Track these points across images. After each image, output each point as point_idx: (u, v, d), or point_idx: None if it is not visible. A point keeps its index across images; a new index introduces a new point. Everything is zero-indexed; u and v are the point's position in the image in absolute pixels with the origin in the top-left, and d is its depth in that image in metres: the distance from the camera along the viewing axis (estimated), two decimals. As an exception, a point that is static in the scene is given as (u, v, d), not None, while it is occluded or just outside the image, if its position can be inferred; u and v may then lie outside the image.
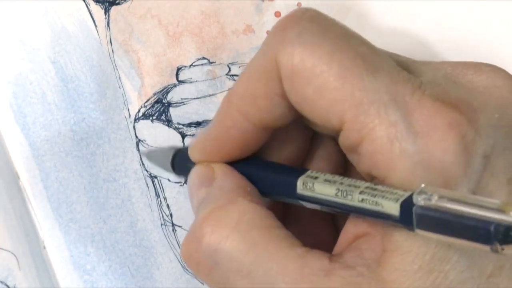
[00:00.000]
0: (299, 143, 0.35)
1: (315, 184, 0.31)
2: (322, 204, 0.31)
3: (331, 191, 0.30)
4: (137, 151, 0.43)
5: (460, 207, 0.26)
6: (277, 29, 0.32)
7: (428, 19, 0.42)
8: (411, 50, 0.42)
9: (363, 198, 0.29)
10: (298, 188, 0.31)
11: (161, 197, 0.43)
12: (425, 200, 0.27)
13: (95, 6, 0.43)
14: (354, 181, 0.30)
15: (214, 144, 0.34)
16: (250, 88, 0.32)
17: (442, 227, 0.27)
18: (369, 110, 0.29)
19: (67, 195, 0.43)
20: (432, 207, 0.27)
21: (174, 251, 0.43)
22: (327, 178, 0.30)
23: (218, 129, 0.34)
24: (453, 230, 0.26)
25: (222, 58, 0.43)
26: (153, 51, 0.43)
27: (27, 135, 0.43)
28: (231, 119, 0.33)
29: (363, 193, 0.29)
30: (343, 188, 0.30)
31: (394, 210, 0.28)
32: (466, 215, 0.26)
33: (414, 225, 0.27)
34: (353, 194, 0.29)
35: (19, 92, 0.43)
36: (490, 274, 0.29)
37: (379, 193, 0.29)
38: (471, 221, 0.26)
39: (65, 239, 0.42)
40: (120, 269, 0.42)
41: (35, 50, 0.43)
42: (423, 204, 0.27)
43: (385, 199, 0.28)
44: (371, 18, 0.42)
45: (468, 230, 0.26)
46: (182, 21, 0.43)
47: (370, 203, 0.29)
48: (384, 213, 0.28)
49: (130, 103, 0.43)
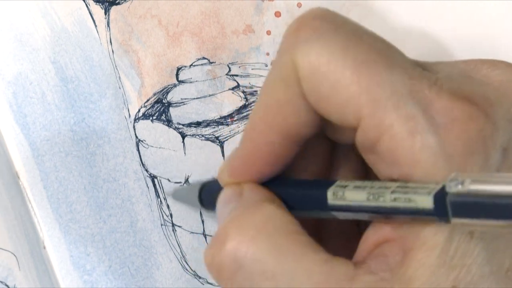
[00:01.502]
0: (320, 157, 0.35)
1: (345, 193, 0.30)
2: (355, 211, 0.30)
3: (363, 196, 0.29)
4: (137, 151, 0.43)
5: (494, 187, 0.26)
6: (290, 32, 0.32)
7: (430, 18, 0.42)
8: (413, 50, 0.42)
9: (395, 197, 0.28)
10: (329, 199, 0.31)
11: (161, 197, 0.43)
12: (457, 186, 0.27)
13: (95, 6, 0.43)
14: (384, 183, 0.29)
15: (243, 164, 0.33)
16: (273, 96, 0.32)
17: (477, 211, 0.26)
18: (387, 105, 0.29)
19: (67, 195, 0.43)
20: (466, 193, 0.27)
21: (174, 251, 0.43)
22: (357, 185, 0.30)
23: (246, 148, 0.33)
24: (488, 212, 0.26)
25: (222, 58, 0.43)
26: (153, 51, 0.43)
27: (27, 135, 0.43)
28: (258, 133, 0.32)
29: (395, 192, 0.29)
30: (374, 191, 0.29)
31: (428, 203, 0.28)
32: (499, 194, 0.26)
33: (450, 215, 0.27)
34: (384, 195, 0.29)
35: (19, 92, 0.43)
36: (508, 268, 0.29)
37: (410, 190, 0.28)
38: (505, 200, 0.26)
39: (65, 239, 0.42)
40: (120, 269, 0.42)
41: (35, 50, 0.43)
42: (456, 190, 0.27)
43: (418, 195, 0.28)
44: (371, 18, 0.42)
45: (504, 210, 0.26)
46: (182, 21, 0.43)
47: (402, 201, 0.28)
48: (418, 209, 0.28)
49: (130, 103, 0.43)
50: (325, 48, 0.30)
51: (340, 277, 0.29)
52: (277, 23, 0.42)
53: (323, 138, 0.34)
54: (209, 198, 0.37)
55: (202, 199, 0.38)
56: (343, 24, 0.31)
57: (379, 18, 0.42)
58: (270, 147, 0.33)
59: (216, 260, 0.31)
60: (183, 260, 0.43)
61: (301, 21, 0.32)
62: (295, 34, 0.31)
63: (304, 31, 0.31)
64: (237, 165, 0.34)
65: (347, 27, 0.31)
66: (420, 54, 0.42)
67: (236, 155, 0.34)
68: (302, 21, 0.32)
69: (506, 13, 0.42)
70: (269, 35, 0.43)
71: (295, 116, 0.32)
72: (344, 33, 0.31)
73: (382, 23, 0.42)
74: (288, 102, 0.31)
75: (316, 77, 0.30)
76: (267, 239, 0.30)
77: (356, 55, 0.30)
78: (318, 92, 0.30)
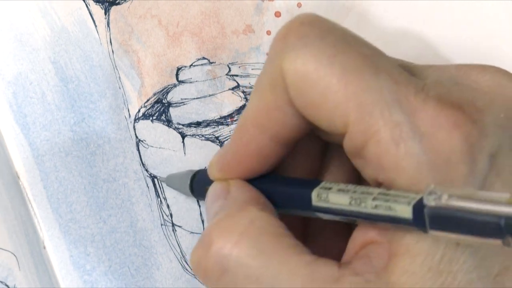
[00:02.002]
0: (312, 156, 0.35)
1: (329, 195, 0.31)
2: (337, 214, 0.31)
3: (345, 200, 0.30)
4: (137, 151, 0.43)
5: (469, 204, 0.26)
6: (278, 38, 0.32)
7: (428, 19, 0.42)
8: (412, 50, 0.42)
9: (376, 204, 0.29)
10: (313, 200, 0.31)
11: (161, 197, 0.43)
12: (435, 200, 0.27)
13: (95, 6, 0.43)
14: (367, 189, 0.30)
15: (232, 161, 0.34)
16: (262, 101, 0.32)
17: (454, 225, 0.27)
18: (373, 111, 0.29)
19: (67, 195, 0.43)
20: (443, 207, 0.27)
21: (174, 251, 0.43)
22: (341, 188, 0.31)
23: (235, 146, 0.34)
24: (464, 227, 0.26)
25: (222, 58, 0.43)
26: (153, 51, 0.43)
27: (27, 135, 0.43)
28: (248, 135, 0.33)
29: (376, 199, 0.29)
30: (356, 196, 0.30)
31: (407, 213, 0.28)
32: (476, 211, 0.26)
33: (428, 226, 0.27)
34: (366, 201, 0.29)
35: (19, 92, 0.43)
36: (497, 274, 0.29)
37: (391, 198, 0.29)
38: (481, 217, 0.26)
39: (65, 239, 0.42)
40: (120, 269, 0.42)
41: (35, 50, 0.43)
42: (433, 204, 0.27)
43: (398, 203, 0.28)
44: (371, 18, 0.42)
45: (479, 226, 0.26)
46: (182, 21, 0.43)
47: (383, 208, 0.29)
48: (398, 217, 0.28)
49: (130, 103, 0.43)
50: (312, 55, 0.30)
51: (324, 278, 0.29)
52: (277, 23, 0.43)
53: (315, 138, 0.34)
54: (199, 187, 0.38)
55: (193, 188, 0.39)
56: (331, 30, 0.31)
57: (378, 18, 0.42)
58: (258, 148, 0.33)
59: (202, 263, 0.31)
60: (183, 260, 0.43)
61: (289, 27, 0.32)
62: (283, 41, 0.31)
63: (292, 38, 0.31)
64: (226, 161, 0.34)
65: (334, 33, 0.31)
66: (418, 52, 0.42)
67: (226, 151, 0.34)
68: (290, 27, 0.32)
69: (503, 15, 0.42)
70: (269, 35, 0.43)
71: (283, 121, 0.32)
72: (331, 39, 0.31)
73: (381, 23, 0.42)
74: (276, 107, 0.32)
75: (303, 84, 0.30)
76: (250, 242, 0.31)
77: (343, 62, 0.30)
78: (305, 98, 0.31)
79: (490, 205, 0.26)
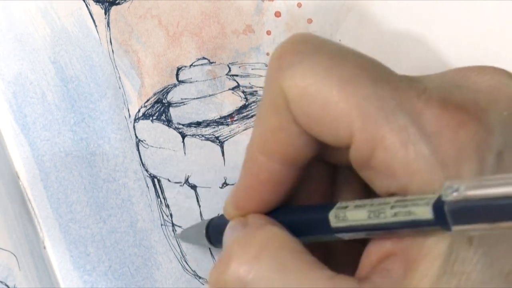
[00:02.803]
0: (322, 181, 0.35)
1: (347, 213, 0.30)
2: (357, 231, 0.30)
3: (364, 214, 0.30)
4: (137, 151, 0.43)
5: (488, 190, 0.26)
6: (273, 59, 0.32)
7: (428, 19, 0.42)
8: (412, 50, 0.42)
9: (395, 212, 0.29)
10: (332, 222, 0.31)
11: (161, 197, 0.43)
12: (453, 193, 0.27)
13: (95, 6, 0.43)
14: (383, 199, 0.29)
15: (246, 195, 0.34)
16: (266, 125, 0.32)
17: (476, 216, 0.26)
18: (377, 118, 0.29)
19: (67, 195, 0.43)
20: (462, 199, 0.27)
21: (174, 251, 0.43)
22: (357, 204, 0.30)
23: (247, 178, 0.33)
24: (486, 215, 0.26)
25: (222, 58, 0.43)
26: (153, 51, 0.43)
27: (27, 135, 0.43)
28: (256, 163, 0.33)
29: (394, 207, 0.29)
30: (374, 208, 0.29)
31: (427, 214, 0.28)
32: (496, 196, 0.26)
33: (450, 223, 0.27)
34: (385, 211, 0.29)
35: (19, 92, 0.43)
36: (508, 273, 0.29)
37: (409, 203, 0.28)
38: (501, 201, 0.26)
39: (65, 239, 0.42)
40: (120, 269, 0.42)
41: (35, 50, 0.43)
42: (452, 198, 0.27)
43: (417, 206, 0.28)
44: (371, 18, 0.42)
45: (500, 211, 0.26)
46: (182, 21, 0.43)
47: (403, 214, 0.28)
48: (419, 220, 0.28)
49: (130, 103, 0.43)
50: (309, 69, 0.30)
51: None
52: (277, 23, 0.43)
53: (323, 163, 0.34)
54: (216, 234, 0.37)
55: (209, 237, 0.38)
56: (325, 45, 0.31)
57: (378, 18, 0.42)
58: (269, 175, 0.33)
59: (221, 279, 0.31)
60: (183, 260, 0.43)
61: (283, 47, 0.32)
62: (279, 61, 0.31)
63: (287, 57, 0.31)
64: (240, 197, 0.34)
65: (329, 48, 0.31)
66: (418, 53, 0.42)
67: (238, 188, 0.34)
68: (284, 47, 0.32)
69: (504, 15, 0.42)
70: (269, 35, 0.43)
71: (290, 142, 0.32)
72: (326, 53, 0.31)
73: (382, 24, 0.42)
74: (281, 128, 0.32)
75: (304, 99, 0.30)
76: (270, 257, 0.30)
77: (341, 73, 0.30)
78: (308, 114, 0.31)
79: (508, 187, 0.26)
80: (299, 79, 0.30)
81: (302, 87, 0.30)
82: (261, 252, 0.31)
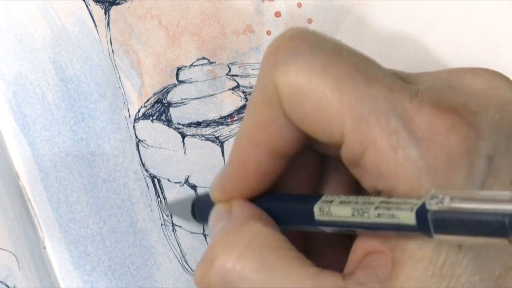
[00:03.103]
0: (310, 170, 0.35)
1: (331, 208, 0.30)
2: (340, 226, 0.31)
3: (348, 212, 0.30)
4: (137, 151, 0.43)
5: (472, 205, 0.26)
6: (269, 53, 0.32)
7: (428, 19, 0.42)
8: (411, 50, 0.42)
9: (379, 213, 0.29)
10: (316, 215, 0.31)
11: (161, 197, 0.43)
12: (437, 204, 0.27)
13: (95, 6, 0.43)
14: (368, 199, 0.30)
15: (232, 181, 0.34)
16: (257, 117, 0.32)
17: (458, 227, 0.27)
18: (369, 119, 0.29)
19: (67, 195, 0.43)
20: (446, 210, 0.27)
21: (174, 251, 0.43)
22: (342, 200, 0.30)
23: (234, 165, 0.33)
24: (469, 228, 0.26)
25: (222, 58, 0.43)
26: (153, 51, 0.43)
27: (27, 135, 0.43)
28: (245, 152, 0.33)
29: (378, 208, 0.29)
30: (358, 207, 0.29)
31: (410, 219, 0.28)
32: (479, 211, 0.26)
33: (432, 231, 0.27)
34: (369, 211, 0.29)
35: (19, 92, 0.43)
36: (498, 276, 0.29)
37: (393, 206, 0.28)
38: (485, 217, 0.26)
39: (65, 239, 0.42)
40: (120, 269, 0.42)
41: (35, 50, 0.43)
42: (436, 208, 0.27)
43: (400, 211, 0.28)
44: (371, 18, 0.42)
45: (483, 226, 0.26)
46: (182, 21, 0.43)
47: (386, 217, 0.28)
48: (401, 224, 0.28)
49: (130, 103, 0.43)
50: (304, 67, 0.30)
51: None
52: (277, 23, 0.43)
53: (312, 151, 0.34)
54: (202, 212, 0.37)
55: (195, 213, 0.39)
56: (321, 43, 0.31)
57: (378, 18, 0.42)
58: (257, 165, 0.33)
59: (205, 279, 0.31)
60: (183, 260, 0.43)
61: (279, 42, 0.32)
62: (274, 56, 0.31)
63: (282, 52, 0.31)
64: (226, 182, 0.34)
65: (325, 45, 0.31)
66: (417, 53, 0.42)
67: (225, 173, 0.34)
68: (280, 42, 0.32)
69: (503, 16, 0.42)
70: (269, 35, 0.43)
71: (279, 135, 0.32)
72: (322, 51, 0.31)
73: (381, 24, 0.42)
74: (272, 122, 0.32)
75: (297, 97, 0.30)
76: (254, 256, 0.31)
77: (336, 73, 0.30)
78: (300, 111, 0.31)
79: (493, 204, 0.26)
80: (293, 76, 0.30)
81: (296, 84, 0.30)
82: (244, 251, 0.31)
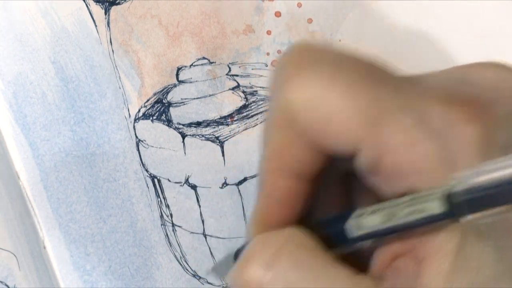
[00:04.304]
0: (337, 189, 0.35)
1: (362, 221, 0.30)
2: (376, 237, 0.30)
3: (378, 219, 0.30)
4: (137, 151, 0.43)
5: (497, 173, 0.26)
6: (276, 72, 0.32)
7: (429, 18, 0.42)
8: (412, 50, 0.42)
9: (408, 211, 0.29)
10: (350, 232, 0.31)
11: (161, 197, 0.43)
12: (463, 183, 0.27)
13: (95, 6, 0.43)
14: (393, 201, 0.29)
15: (265, 216, 0.33)
16: (274, 142, 0.32)
17: (490, 201, 0.26)
18: (382, 122, 0.29)
19: (67, 195, 0.43)
20: (473, 187, 0.27)
21: (174, 251, 0.43)
22: (373, 210, 0.30)
23: (262, 200, 0.33)
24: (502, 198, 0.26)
25: (222, 58, 0.43)
26: (153, 51, 0.43)
27: (27, 135, 0.43)
28: (269, 184, 0.32)
29: (407, 206, 0.29)
30: (387, 212, 0.29)
31: (439, 208, 0.28)
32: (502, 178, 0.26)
33: (464, 213, 0.27)
34: (398, 212, 0.29)
35: (19, 92, 0.43)
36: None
37: (419, 200, 0.28)
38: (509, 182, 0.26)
39: (65, 239, 0.42)
40: (120, 269, 0.42)
41: (35, 50, 0.43)
42: (463, 188, 0.27)
43: (428, 202, 0.28)
44: (371, 18, 0.42)
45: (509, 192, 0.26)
46: (182, 21, 0.43)
47: (416, 212, 0.28)
48: (432, 216, 0.28)
49: (130, 103, 0.43)
50: (311, 79, 0.30)
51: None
52: (277, 23, 0.43)
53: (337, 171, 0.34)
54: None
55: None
56: (325, 53, 0.31)
57: (378, 18, 0.42)
58: (284, 193, 0.33)
59: (240, 280, 0.31)
60: (183, 260, 0.43)
61: (284, 59, 0.32)
62: (281, 73, 0.31)
63: (289, 69, 0.31)
64: (260, 219, 0.34)
65: (329, 54, 0.31)
66: (418, 52, 0.42)
67: (256, 211, 0.34)
68: (285, 59, 0.32)
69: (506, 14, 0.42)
70: (269, 35, 0.43)
71: (300, 156, 0.32)
72: (327, 60, 0.31)
73: (382, 23, 0.42)
74: (290, 144, 0.31)
75: (309, 110, 0.30)
76: (289, 256, 0.30)
77: (343, 79, 0.30)
78: (314, 126, 0.30)
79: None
80: (302, 90, 0.30)
81: (306, 97, 0.30)
82: (280, 251, 0.30)
